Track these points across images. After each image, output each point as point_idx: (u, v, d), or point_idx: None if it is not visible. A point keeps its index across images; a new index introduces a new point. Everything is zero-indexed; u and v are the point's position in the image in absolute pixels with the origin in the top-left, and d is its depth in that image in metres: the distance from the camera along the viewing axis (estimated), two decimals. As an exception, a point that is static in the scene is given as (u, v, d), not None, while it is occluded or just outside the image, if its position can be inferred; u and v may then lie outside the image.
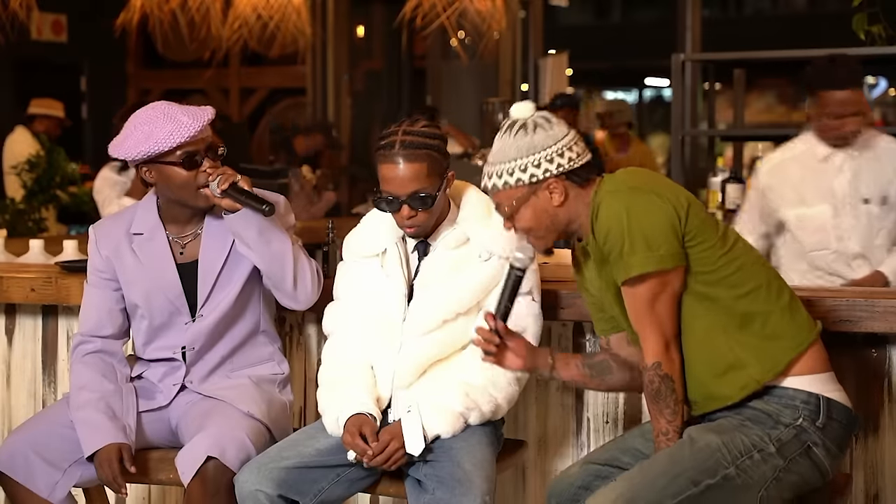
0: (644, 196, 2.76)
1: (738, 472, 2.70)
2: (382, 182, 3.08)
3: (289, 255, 3.21)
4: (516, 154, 2.83)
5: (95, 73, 12.01)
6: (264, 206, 3.14)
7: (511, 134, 2.85)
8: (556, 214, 2.85)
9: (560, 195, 2.83)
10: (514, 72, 10.91)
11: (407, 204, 3.06)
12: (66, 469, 3.18)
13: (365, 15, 12.07)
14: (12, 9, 7.09)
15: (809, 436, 2.75)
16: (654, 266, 2.73)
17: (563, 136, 2.84)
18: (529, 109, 2.87)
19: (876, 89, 15.85)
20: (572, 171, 2.83)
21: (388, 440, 2.98)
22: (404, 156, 3.05)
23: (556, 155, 2.82)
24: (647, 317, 2.76)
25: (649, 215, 2.74)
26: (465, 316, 3.12)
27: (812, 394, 2.77)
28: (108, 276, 3.33)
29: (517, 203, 2.84)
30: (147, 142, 3.16)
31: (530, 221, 2.86)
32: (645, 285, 2.75)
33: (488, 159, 2.90)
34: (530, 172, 2.81)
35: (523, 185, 2.82)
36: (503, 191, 2.85)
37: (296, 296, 3.25)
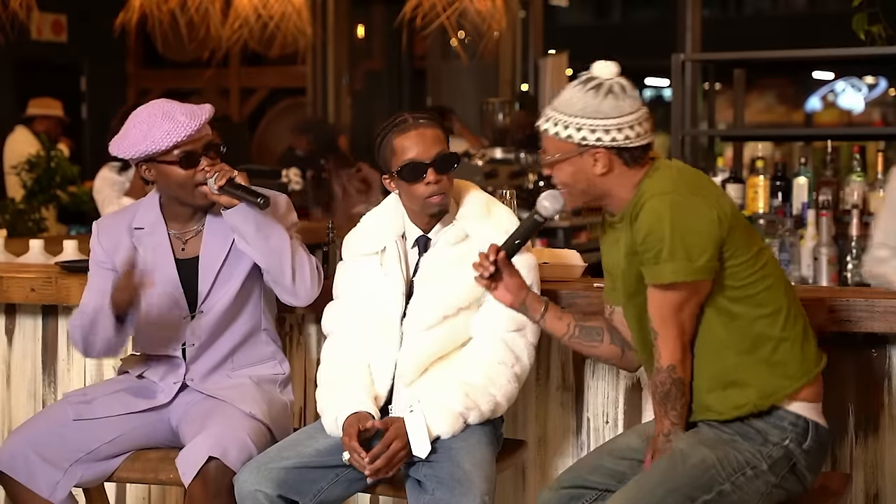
0: (692, 202, 2.72)
1: (733, 487, 2.71)
2: (402, 153, 3.09)
3: (287, 250, 3.22)
4: (578, 111, 2.78)
5: (95, 73, 12.01)
6: (259, 199, 3.14)
7: (583, 89, 2.80)
8: (593, 182, 2.81)
9: (603, 167, 2.79)
10: (514, 72, 10.91)
11: (432, 167, 3.07)
12: (67, 469, 3.18)
13: (365, 15, 12.07)
14: (12, 9, 7.09)
15: (795, 456, 2.77)
16: (690, 277, 2.70)
17: (630, 112, 2.78)
18: (611, 71, 2.82)
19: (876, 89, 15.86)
20: (624, 149, 2.78)
21: (391, 441, 2.97)
22: (423, 123, 3.10)
23: (615, 129, 2.77)
24: (671, 321, 2.74)
25: (693, 223, 2.70)
26: (465, 311, 3.12)
27: (801, 416, 2.78)
28: (109, 267, 3.34)
29: (560, 156, 2.81)
30: (145, 141, 3.17)
31: (567, 178, 2.83)
32: (675, 292, 2.72)
33: (553, 101, 2.84)
34: (583, 135, 2.77)
35: (572, 143, 2.79)
36: (552, 138, 2.82)
37: (295, 291, 3.25)
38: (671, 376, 2.75)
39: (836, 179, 5.24)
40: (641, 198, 2.76)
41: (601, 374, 3.46)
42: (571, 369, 3.48)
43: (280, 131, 11.51)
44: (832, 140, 5.57)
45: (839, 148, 5.99)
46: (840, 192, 5.21)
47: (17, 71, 11.00)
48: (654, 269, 2.72)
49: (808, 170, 5.24)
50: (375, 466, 2.95)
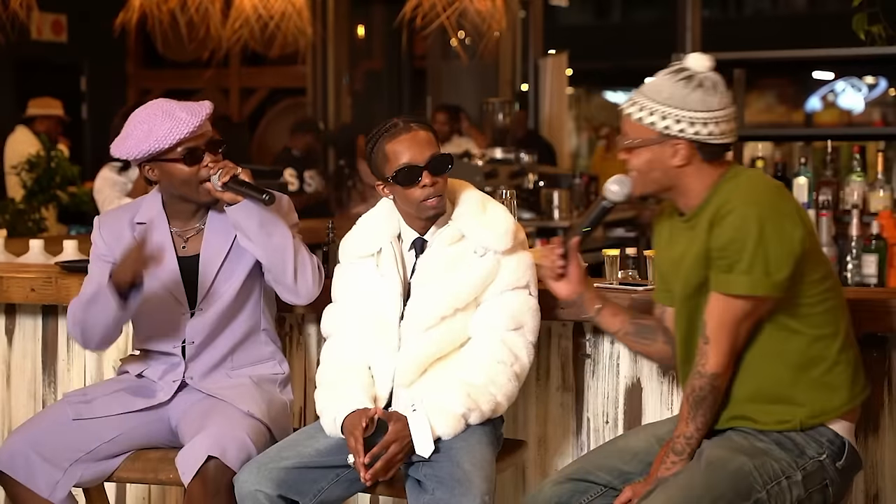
0: (780, 218, 2.69)
1: (768, 496, 2.70)
2: (396, 158, 3.08)
3: (290, 248, 3.22)
4: (665, 99, 2.75)
5: (95, 73, 12.01)
6: (264, 195, 3.15)
7: (674, 78, 2.77)
8: (668, 172, 2.79)
9: (682, 159, 2.77)
10: (514, 72, 10.92)
11: (427, 169, 3.07)
12: (67, 469, 3.18)
13: (365, 15, 12.07)
14: (12, 9, 7.09)
15: (829, 473, 2.77)
16: (763, 292, 2.68)
17: (717, 108, 2.76)
18: (705, 65, 2.79)
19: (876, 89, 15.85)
20: (705, 144, 2.76)
21: (389, 444, 2.97)
22: (413, 126, 3.10)
23: (700, 122, 2.75)
24: (729, 331, 2.72)
25: (779, 240, 2.67)
26: (463, 312, 3.12)
27: (839, 435, 2.78)
28: (110, 259, 3.34)
29: (640, 142, 2.79)
30: (147, 140, 3.17)
31: (643, 164, 2.81)
32: (742, 304, 2.70)
33: (641, 86, 2.83)
34: (666, 124, 2.75)
35: (654, 130, 2.77)
36: (634, 123, 2.80)
37: (297, 289, 3.25)
38: (712, 384, 2.73)
39: (836, 179, 5.24)
40: (727, 204, 2.71)
41: (601, 374, 3.46)
42: (571, 369, 3.49)
43: (280, 131, 11.51)
44: (832, 140, 5.57)
45: (839, 148, 5.99)
46: (840, 192, 5.22)
47: (17, 71, 11.00)
48: (727, 278, 2.69)
49: (808, 170, 5.23)
50: (374, 470, 2.95)
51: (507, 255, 3.13)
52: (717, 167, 2.80)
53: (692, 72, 2.78)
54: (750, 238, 2.67)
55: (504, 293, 3.13)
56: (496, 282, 3.13)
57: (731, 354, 2.74)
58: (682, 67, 2.79)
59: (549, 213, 7.58)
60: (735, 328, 2.72)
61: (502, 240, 3.12)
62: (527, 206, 7.45)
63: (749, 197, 2.72)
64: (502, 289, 3.13)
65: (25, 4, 7.16)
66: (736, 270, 2.68)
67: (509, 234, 3.13)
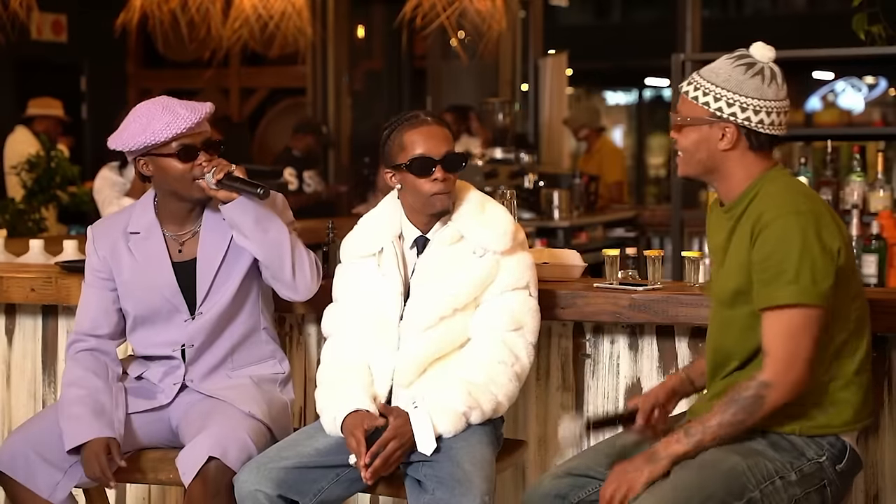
0: (822, 229, 2.70)
1: (761, 496, 2.70)
2: (412, 147, 3.09)
3: (286, 243, 3.22)
4: (722, 82, 2.79)
5: (95, 73, 12.00)
6: (259, 189, 3.15)
7: (734, 63, 2.81)
8: (713, 154, 2.81)
9: (728, 143, 2.79)
10: (514, 72, 10.91)
11: (440, 165, 3.08)
12: (67, 469, 3.18)
13: (365, 15, 12.06)
14: (12, 9, 7.09)
15: (827, 475, 2.76)
16: (812, 300, 2.66)
17: (773, 98, 2.79)
18: (767, 56, 2.83)
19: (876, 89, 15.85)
20: (753, 131, 2.79)
21: (388, 441, 2.97)
22: (434, 121, 3.12)
23: (752, 108, 2.78)
24: (783, 342, 2.68)
25: (822, 249, 2.67)
26: (462, 312, 3.12)
27: (839, 438, 2.79)
28: (104, 276, 3.34)
29: (691, 121, 2.82)
30: (144, 133, 3.18)
31: (690, 144, 2.83)
32: (792, 314, 2.67)
33: (701, 69, 2.86)
34: (719, 105, 2.78)
35: (706, 110, 2.79)
36: (688, 101, 2.83)
37: (295, 285, 3.25)
38: (761, 392, 2.68)
39: (836, 179, 5.24)
40: (768, 212, 2.71)
41: (601, 374, 3.46)
42: (571, 369, 3.49)
43: (280, 131, 11.50)
44: (832, 140, 5.57)
45: (839, 148, 5.99)
46: (840, 192, 5.22)
47: (17, 71, 10.99)
48: (773, 291, 2.68)
49: (808, 170, 5.23)
50: (374, 468, 2.95)
51: (507, 256, 3.13)
52: (762, 160, 2.82)
53: (754, 60, 2.81)
54: (794, 248, 2.66)
55: (504, 294, 3.13)
56: (496, 282, 3.13)
57: (788, 365, 2.67)
58: (745, 54, 2.83)
59: (549, 213, 7.58)
60: (789, 339, 2.67)
61: (501, 240, 3.12)
62: (527, 206, 7.45)
63: (791, 206, 2.71)
64: (502, 289, 3.13)
65: (25, 4, 7.16)
66: (782, 281, 2.67)
67: (508, 235, 3.13)
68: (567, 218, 7.61)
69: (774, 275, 2.68)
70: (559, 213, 7.58)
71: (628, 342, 3.45)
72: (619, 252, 3.49)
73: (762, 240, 2.70)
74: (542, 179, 7.85)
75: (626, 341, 3.45)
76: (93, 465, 3.10)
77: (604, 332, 3.46)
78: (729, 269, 2.80)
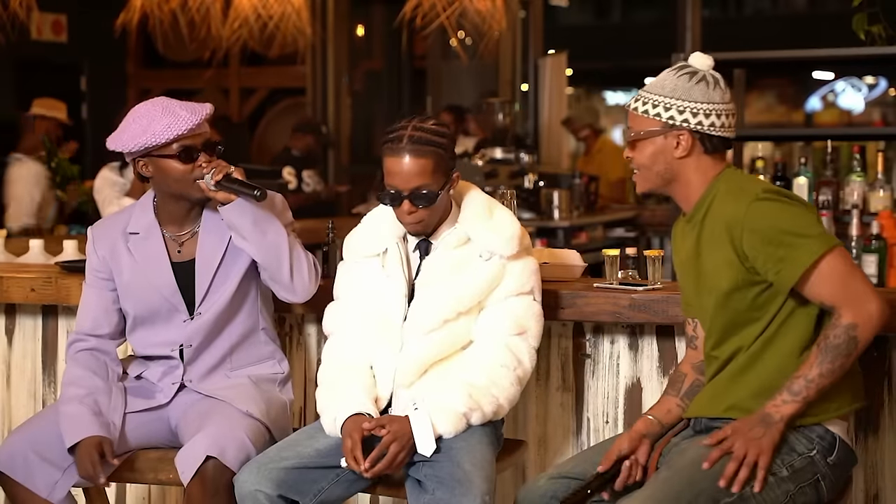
0: (792, 200, 2.78)
1: (753, 492, 2.70)
2: (387, 175, 3.08)
3: (284, 245, 3.22)
4: (669, 92, 2.85)
5: (95, 73, 12.00)
6: (256, 191, 3.15)
7: (676, 73, 2.88)
8: (671, 164, 2.87)
9: (684, 150, 2.86)
10: (514, 72, 10.91)
11: (409, 199, 3.06)
12: (66, 469, 3.18)
13: (365, 15, 12.06)
14: (12, 9, 7.09)
15: (820, 469, 2.77)
16: (832, 242, 2.72)
17: (720, 102, 2.85)
18: (707, 64, 2.89)
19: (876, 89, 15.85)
20: (707, 135, 2.85)
21: (388, 444, 2.97)
22: (411, 150, 3.05)
23: (703, 113, 2.84)
24: (848, 284, 2.72)
25: (804, 211, 2.77)
26: (466, 315, 3.12)
27: (829, 430, 2.79)
28: (104, 276, 3.34)
29: (644, 134, 2.87)
30: (144, 134, 3.18)
31: (646, 158, 2.89)
32: (831, 259, 2.71)
33: (645, 85, 2.91)
34: (670, 114, 2.84)
35: (659, 121, 2.85)
36: (640, 116, 2.88)
37: (293, 287, 3.25)
38: (847, 333, 2.70)
39: (836, 179, 5.24)
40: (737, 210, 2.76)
41: (601, 374, 3.46)
42: (571, 369, 3.49)
43: (280, 131, 11.50)
44: (832, 140, 5.56)
45: (839, 148, 5.99)
46: (840, 192, 5.21)
47: (17, 71, 10.99)
48: (797, 258, 2.72)
49: (808, 170, 5.23)
50: (375, 471, 2.95)
51: (513, 261, 3.13)
52: (717, 164, 2.88)
53: (695, 68, 2.88)
54: (783, 218, 2.74)
55: (508, 298, 3.13)
56: (501, 287, 3.12)
57: (861, 300, 2.70)
58: (685, 65, 2.89)
59: (549, 213, 7.59)
60: (844, 281, 2.72)
61: (509, 244, 3.12)
62: (527, 206, 7.45)
63: (752, 193, 2.78)
64: (507, 294, 3.13)
65: (25, 4, 7.16)
66: (797, 246, 2.72)
67: (515, 239, 3.13)
68: (567, 218, 7.61)
69: (787, 247, 2.72)
70: (559, 213, 7.58)
71: (628, 342, 3.45)
72: (619, 252, 3.49)
73: (749, 235, 2.75)
74: (542, 179, 7.85)
75: (626, 341, 3.45)
76: (85, 463, 3.10)
77: (604, 332, 3.46)
78: (716, 272, 2.82)
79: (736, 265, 2.78)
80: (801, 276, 2.73)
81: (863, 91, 15.92)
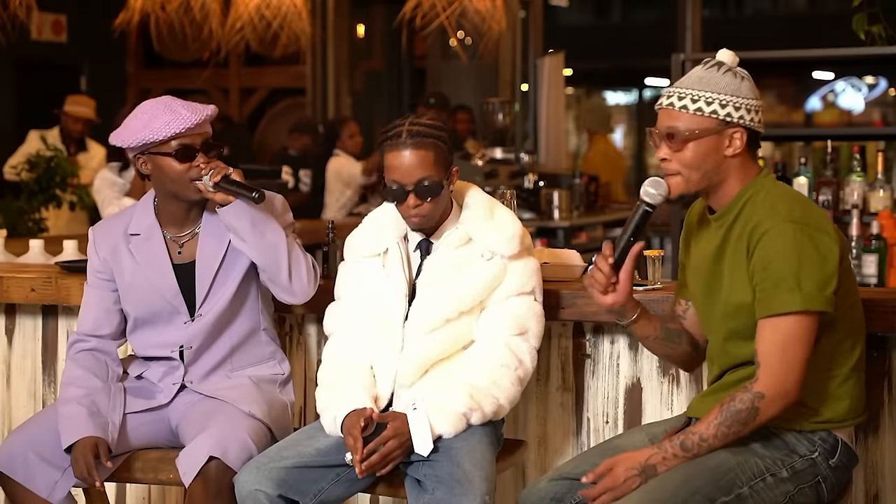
0: (821, 235, 2.69)
1: (751, 492, 2.70)
2: (388, 171, 3.08)
3: (283, 246, 3.22)
4: (723, 89, 2.76)
5: (95, 73, 11.99)
6: (254, 193, 3.14)
7: (718, 70, 2.79)
8: (719, 164, 2.78)
9: (736, 149, 2.77)
10: (514, 72, 10.91)
11: (413, 193, 3.06)
12: (66, 469, 3.18)
13: (365, 15, 12.06)
14: (12, 9, 7.09)
15: (821, 471, 2.77)
16: (818, 306, 2.65)
17: (759, 98, 2.80)
18: (735, 60, 2.83)
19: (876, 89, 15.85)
20: (755, 133, 2.79)
21: (387, 440, 2.97)
22: (411, 144, 3.06)
23: (754, 110, 2.77)
24: (780, 353, 2.66)
25: (823, 256, 2.67)
26: (467, 315, 3.12)
27: (831, 433, 2.79)
28: (105, 277, 3.35)
29: (698, 133, 2.77)
30: (144, 130, 3.19)
31: (695, 158, 2.78)
32: (792, 321, 2.65)
33: (679, 82, 2.82)
34: (728, 111, 2.75)
35: (716, 118, 2.76)
36: (690, 114, 2.77)
37: (291, 288, 3.25)
38: (755, 403, 2.67)
39: (836, 179, 5.25)
40: (764, 222, 2.70)
41: (601, 374, 3.46)
42: (571, 369, 3.48)
43: (280, 131, 11.50)
44: (832, 140, 5.57)
45: (839, 148, 5.99)
46: (840, 192, 5.22)
47: (17, 71, 10.99)
48: (775, 298, 2.66)
49: (808, 170, 5.24)
50: (369, 462, 2.95)
51: (514, 261, 3.13)
52: (754, 163, 2.82)
53: (730, 66, 2.82)
54: (793, 256, 2.65)
55: (510, 298, 3.13)
56: (502, 286, 3.12)
57: (783, 377, 2.66)
58: (720, 62, 2.82)
59: (549, 213, 7.59)
60: (784, 350, 2.66)
61: (510, 244, 3.12)
62: (527, 206, 7.45)
63: (786, 215, 2.70)
64: (508, 294, 3.13)
65: (25, 4, 7.16)
66: (784, 288, 2.65)
67: (517, 239, 3.13)
68: (567, 218, 7.62)
69: (774, 283, 2.66)
70: (559, 213, 7.59)
71: (628, 342, 3.45)
72: (619, 252, 3.48)
73: (760, 249, 2.70)
74: (542, 179, 7.85)
75: (626, 341, 3.45)
76: (80, 465, 3.10)
77: (604, 332, 3.46)
78: (731, 283, 2.78)
79: (748, 283, 2.74)
80: (763, 318, 2.69)
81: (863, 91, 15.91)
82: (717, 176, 2.80)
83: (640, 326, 2.96)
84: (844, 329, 2.78)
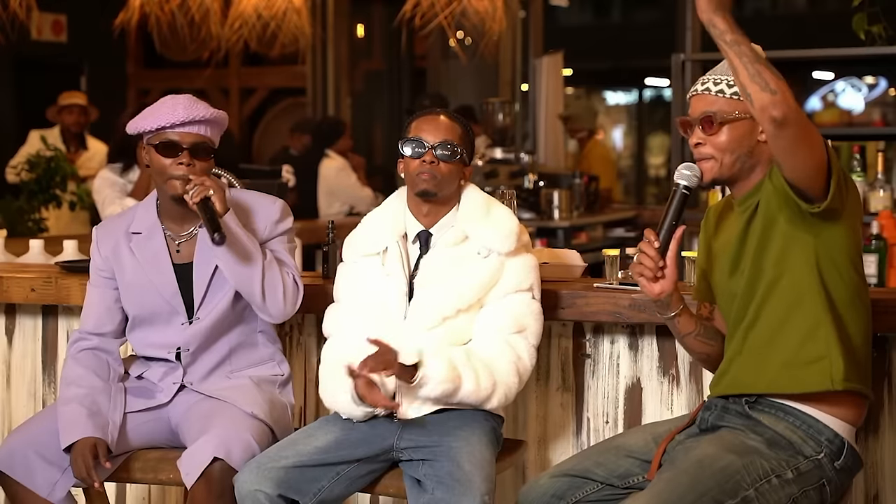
0: None
1: (756, 494, 2.69)
2: (414, 131, 3.16)
3: (257, 274, 3.20)
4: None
5: (95, 73, 11.99)
6: (215, 234, 3.11)
7: None
8: (753, 149, 2.81)
9: None
10: (514, 72, 10.92)
11: (433, 150, 3.11)
12: (66, 468, 3.18)
13: (365, 15, 12.07)
14: (12, 9, 7.09)
15: (826, 473, 2.76)
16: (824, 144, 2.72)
17: None
18: (761, 53, 2.77)
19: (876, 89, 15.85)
20: None
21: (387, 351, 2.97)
22: (445, 115, 3.18)
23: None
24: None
25: None
26: (466, 313, 3.12)
27: (838, 435, 2.78)
28: (107, 275, 3.35)
29: (736, 116, 2.79)
30: (143, 120, 3.24)
31: (731, 142, 2.81)
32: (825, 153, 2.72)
33: (713, 70, 2.83)
34: None
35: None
36: (726, 98, 2.80)
37: (266, 309, 3.25)
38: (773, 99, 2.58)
39: (836, 179, 5.23)
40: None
41: (601, 374, 3.47)
42: (571, 369, 3.49)
43: (280, 131, 11.51)
44: (832, 140, 5.55)
45: (839, 148, 5.99)
46: (840, 191, 5.20)
47: (17, 71, 10.99)
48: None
49: (808, 169, 5.22)
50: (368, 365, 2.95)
51: (511, 258, 3.14)
52: None
53: None
54: None
55: (507, 296, 3.13)
56: (500, 284, 3.13)
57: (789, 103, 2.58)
58: None
59: (549, 213, 7.59)
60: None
61: (507, 241, 3.12)
62: (527, 206, 7.45)
63: None
64: (506, 291, 3.13)
65: (25, 4, 7.16)
66: None
67: (513, 236, 3.14)
68: (567, 218, 7.61)
69: None
70: (559, 213, 7.58)
71: (628, 342, 3.45)
72: (619, 252, 3.49)
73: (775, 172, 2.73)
74: (542, 179, 7.85)
75: (626, 341, 3.45)
76: (79, 465, 3.11)
77: (604, 332, 3.46)
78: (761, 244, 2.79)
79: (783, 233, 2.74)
80: None
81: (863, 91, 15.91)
82: (749, 160, 2.82)
83: (683, 321, 2.96)
84: (859, 297, 2.80)
